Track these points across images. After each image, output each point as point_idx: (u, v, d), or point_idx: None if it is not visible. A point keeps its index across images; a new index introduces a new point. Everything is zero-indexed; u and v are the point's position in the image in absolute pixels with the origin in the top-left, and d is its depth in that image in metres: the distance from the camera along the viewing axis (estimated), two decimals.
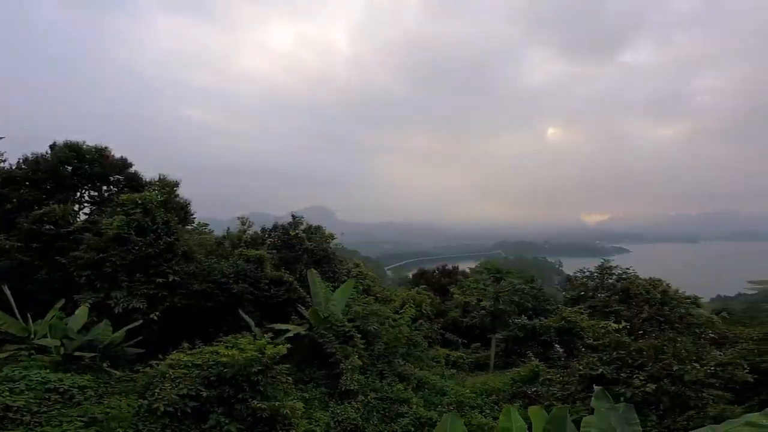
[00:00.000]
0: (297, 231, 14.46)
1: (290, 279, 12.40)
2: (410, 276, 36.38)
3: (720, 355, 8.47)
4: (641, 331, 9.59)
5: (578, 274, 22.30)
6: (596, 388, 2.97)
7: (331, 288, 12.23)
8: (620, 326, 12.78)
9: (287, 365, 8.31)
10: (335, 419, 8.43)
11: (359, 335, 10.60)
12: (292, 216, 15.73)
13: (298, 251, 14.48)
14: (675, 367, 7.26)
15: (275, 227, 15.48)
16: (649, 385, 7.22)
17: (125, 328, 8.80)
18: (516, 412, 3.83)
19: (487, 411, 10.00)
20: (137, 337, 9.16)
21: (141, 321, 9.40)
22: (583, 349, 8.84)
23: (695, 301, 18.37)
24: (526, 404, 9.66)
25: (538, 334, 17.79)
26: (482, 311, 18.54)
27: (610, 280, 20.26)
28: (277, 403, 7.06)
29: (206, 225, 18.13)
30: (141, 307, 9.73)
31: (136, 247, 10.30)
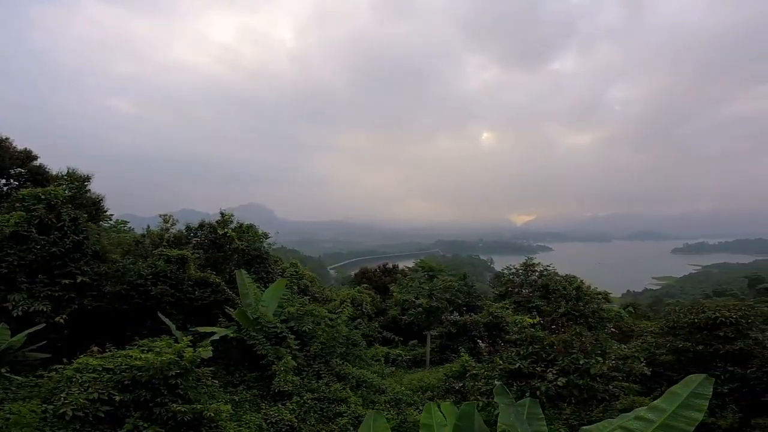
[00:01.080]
0: (226, 230, 13.70)
1: (217, 280, 11.88)
2: (353, 275, 36.49)
3: (624, 348, 9.45)
4: (554, 326, 10.37)
5: (505, 271, 23.56)
6: (496, 384, 3.17)
7: (262, 289, 11.95)
8: (535, 321, 13.75)
9: (211, 368, 8.12)
10: (268, 421, 8.34)
11: (293, 336, 10.49)
12: (221, 214, 14.92)
13: (227, 251, 13.78)
14: (581, 361, 7.75)
15: (201, 225, 14.54)
16: (560, 378, 7.66)
17: (25, 332, 8.06)
18: (437, 409, 3.91)
19: (422, 407, 10.15)
20: (41, 341, 8.50)
21: (44, 324, 8.63)
22: (502, 344, 9.36)
23: (606, 297, 19.99)
24: (458, 399, 10.13)
25: (469, 329, 18.67)
26: (419, 309, 19.05)
27: (533, 277, 21.28)
28: (199, 406, 6.98)
29: (125, 223, 16.75)
30: (45, 309, 8.85)
31: (38, 246, 9.34)
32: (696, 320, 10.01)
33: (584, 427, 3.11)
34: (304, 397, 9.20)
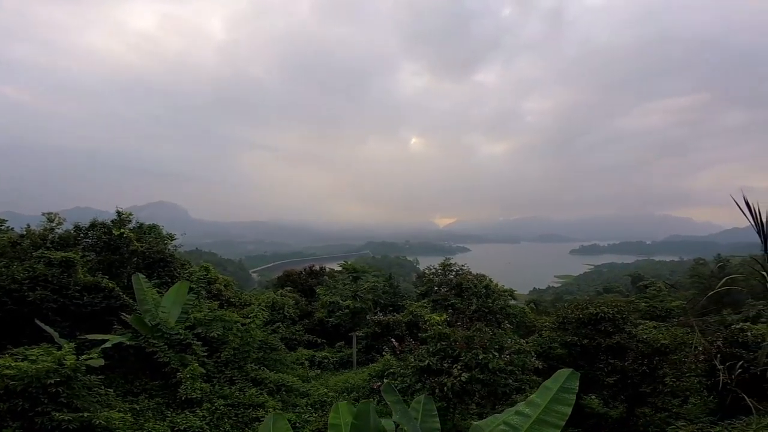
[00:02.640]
0: (123, 230, 12.29)
1: (110, 285, 10.80)
2: (276, 278, 35.20)
3: (523, 342, 10.20)
4: (459, 323, 10.93)
5: (427, 271, 24.57)
6: (384, 382, 3.22)
7: (162, 294, 11.11)
8: (442, 318, 14.48)
9: (101, 376, 7.78)
10: (175, 428, 8.01)
11: (199, 343, 10.02)
12: (118, 213, 13.37)
13: (124, 254, 12.37)
14: (480, 356, 8.10)
15: (93, 225, 12.87)
16: (463, 374, 7.91)
17: None
18: (345, 409, 3.89)
19: None
20: None
21: None
22: (413, 342, 9.63)
23: (511, 294, 21.85)
24: (381, 398, 10.23)
25: (393, 328, 19.11)
26: (346, 310, 19.09)
27: (450, 276, 22.29)
28: (87, 414, 6.72)
29: (3, 221, 14.40)
30: None
31: None
32: (581, 316, 10.92)
33: (475, 423, 3.25)
34: (216, 404, 8.93)
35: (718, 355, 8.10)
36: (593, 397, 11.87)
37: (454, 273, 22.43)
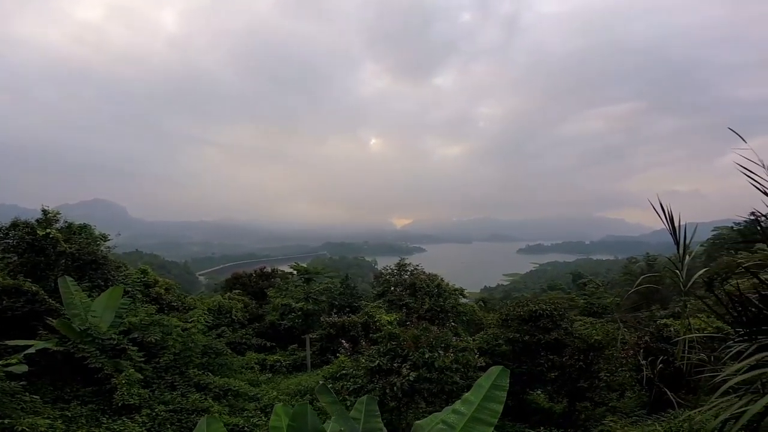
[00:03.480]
0: (49, 230, 11.25)
1: (33, 288, 10.00)
2: (224, 281, 33.77)
3: (470, 340, 10.45)
4: (408, 322, 11.09)
5: (383, 272, 24.71)
6: (320, 384, 3.19)
7: (93, 298, 10.48)
8: (392, 318, 14.67)
9: (23, 383, 7.47)
10: None
11: (135, 348, 9.72)
12: (43, 211, 12.22)
13: (50, 255, 11.32)
14: (427, 355, 8.25)
15: (15, 225, 11.67)
16: (411, 373, 8.05)
17: None
18: (282, 411, 3.79)
19: None
20: None
21: None
22: (365, 343, 9.64)
23: (461, 292, 22.56)
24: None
25: (348, 330, 19.01)
26: (299, 312, 18.83)
27: (405, 276, 22.59)
28: (8, 421, 6.41)
29: None
30: None
31: None
32: (521, 313, 11.32)
33: (417, 422, 3.29)
34: (157, 410, 8.67)
35: (641, 351, 8.55)
36: (539, 392, 12.29)
37: (409, 273, 22.72)
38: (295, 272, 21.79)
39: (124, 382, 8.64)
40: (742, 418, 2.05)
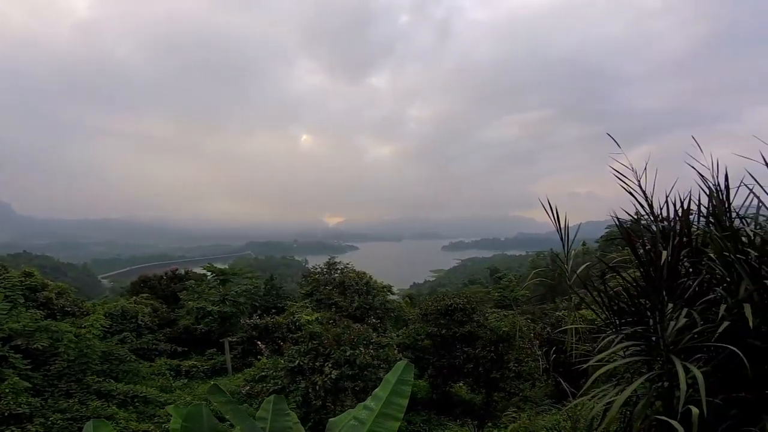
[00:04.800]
0: None
1: None
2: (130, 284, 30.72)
3: (393, 336, 10.62)
4: (332, 321, 11.08)
5: (312, 270, 24.29)
6: (212, 386, 3.05)
7: None
8: (313, 317, 14.62)
9: None
10: None
11: (19, 355, 9.13)
12: None
13: None
14: (348, 353, 8.35)
15: None
16: (333, 371, 8.07)
17: None
18: (175, 412, 3.56)
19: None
20: None
21: None
22: (282, 343, 9.45)
23: (389, 289, 23.11)
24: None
25: (272, 331, 18.43)
26: (216, 315, 18.05)
27: (335, 275, 22.85)
28: None
29: None
30: None
31: None
32: (438, 308, 11.75)
33: (331, 420, 3.27)
34: (51, 418, 8.28)
35: (538, 342, 9.31)
36: (461, 384, 12.88)
37: (339, 272, 22.62)
38: (208, 273, 20.61)
39: (8, 390, 8.16)
40: (613, 407, 2.32)
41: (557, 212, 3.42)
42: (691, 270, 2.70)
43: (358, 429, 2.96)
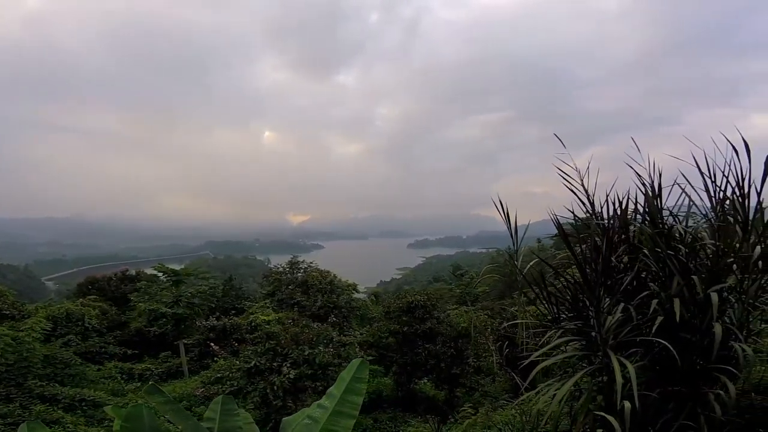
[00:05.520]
0: None
1: None
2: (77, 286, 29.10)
3: (356, 335, 10.58)
4: (291, 321, 10.90)
5: (274, 270, 23.83)
6: (149, 384, 2.94)
7: None
8: (270, 318, 14.44)
9: None
10: None
11: None
12: None
13: None
14: (306, 352, 8.29)
15: None
16: (291, 371, 7.97)
17: None
18: (116, 413, 3.43)
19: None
20: None
21: None
22: (237, 344, 9.26)
23: (355, 288, 23.10)
24: None
25: (230, 332, 17.97)
26: (169, 317, 17.50)
27: (298, 274, 22.48)
28: None
29: None
30: None
31: None
32: (400, 305, 11.86)
33: (285, 419, 3.24)
34: None
35: (492, 337, 9.53)
36: (426, 381, 12.95)
37: (302, 271, 22.34)
38: (160, 274, 19.82)
39: None
40: (553, 402, 2.39)
41: (507, 211, 3.52)
42: (629, 266, 2.85)
43: (312, 428, 2.95)
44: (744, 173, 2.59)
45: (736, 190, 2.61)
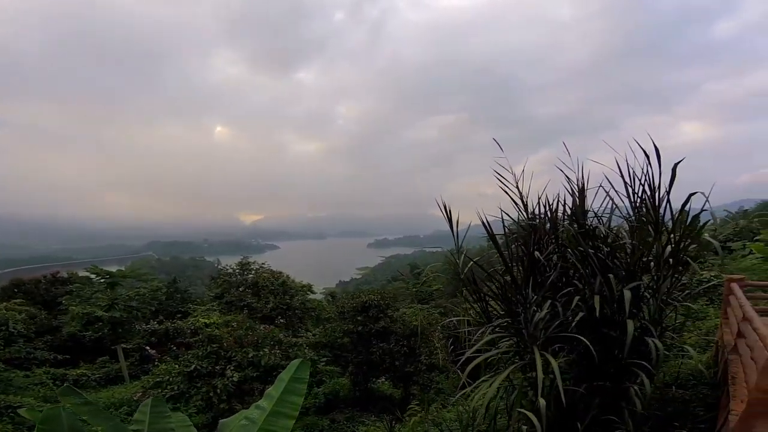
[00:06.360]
0: None
1: None
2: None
3: (309, 336, 10.37)
4: (234, 323, 10.55)
5: (222, 272, 22.94)
6: (63, 386, 2.82)
7: None
8: (210, 321, 14.02)
9: None
10: None
11: None
12: None
13: None
14: (251, 354, 8.15)
15: None
16: (235, 374, 7.79)
17: None
18: (33, 416, 3.25)
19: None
20: None
21: None
22: (174, 348, 8.89)
23: (310, 288, 22.77)
24: None
25: (173, 337, 17.15)
26: (105, 322, 16.59)
27: (249, 275, 21.73)
28: None
29: None
30: None
31: None
32: (354, 305, 11.78)
33: (222, 420, 3.23)
34: None
35: (439, 334, 9.70)
36: (384, 380, 12.91)
37: (253, 272, 21.63)
38: (94, 276, 18.56)
39: None
40: (486, 397, 2.47)
41: (450, 212, 3.62)
42: (559, 265, 3.03)
43: (250, 428, 2.99)
44: (656, 178, 2.83)
45: (648, 193, 2.85)
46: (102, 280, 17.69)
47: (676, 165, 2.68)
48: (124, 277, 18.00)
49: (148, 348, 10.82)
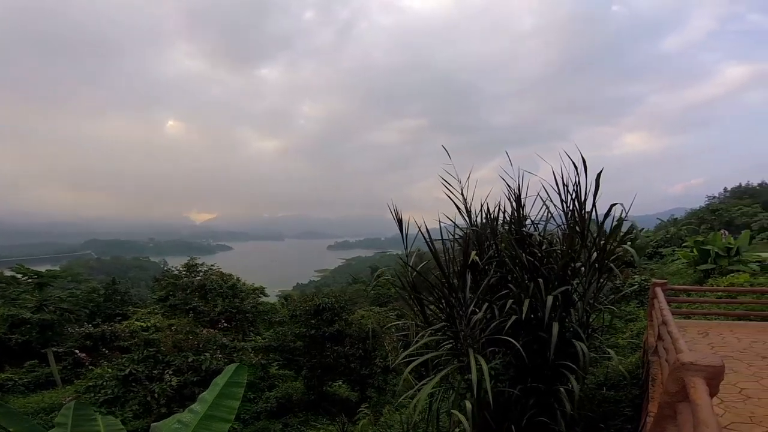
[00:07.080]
0: None
1: None
2: None
3: (259, 339, 10.07)
4: (174, 327, 10.10)
5: (167, 273, 21.83)
6: None
7: None
8: (150, 324, 13.44)
9: None
10: None
11: None
12: None
13: None
14: (190, 359, 7.86)
15: None
16: (174, 378, 7.53)
17: None
18: None
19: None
20: None
21: None
22: (108, 352, 8.44)
23: (262, 291, 22.14)
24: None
25: (110, 340, 16.11)
26: (33, 324, 15.81)
27: (196, 278, 20.81)
28: None
29: None
30: None
31: None
32: (308, 308, 11.54)
33: (154, 424, 3.14)
34: None
35: (393, 336, 9.68)
36: (341, 383, 12.75)
37: (201, 274, 20.67)
38: (19, 276, 17.03)
39: None
40: (420, 399, 2.53)
41: (400, 216, 3.69)
42: (495, 270, 3.18)
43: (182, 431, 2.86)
44: (584, 188, 3.06)
45: (576, 202, 3.08)
46: (30, 280, 16.26)
47: (598, 175, 2.93)
48: (55, 277, 16.64)
49: (77, 351, 10.25)
